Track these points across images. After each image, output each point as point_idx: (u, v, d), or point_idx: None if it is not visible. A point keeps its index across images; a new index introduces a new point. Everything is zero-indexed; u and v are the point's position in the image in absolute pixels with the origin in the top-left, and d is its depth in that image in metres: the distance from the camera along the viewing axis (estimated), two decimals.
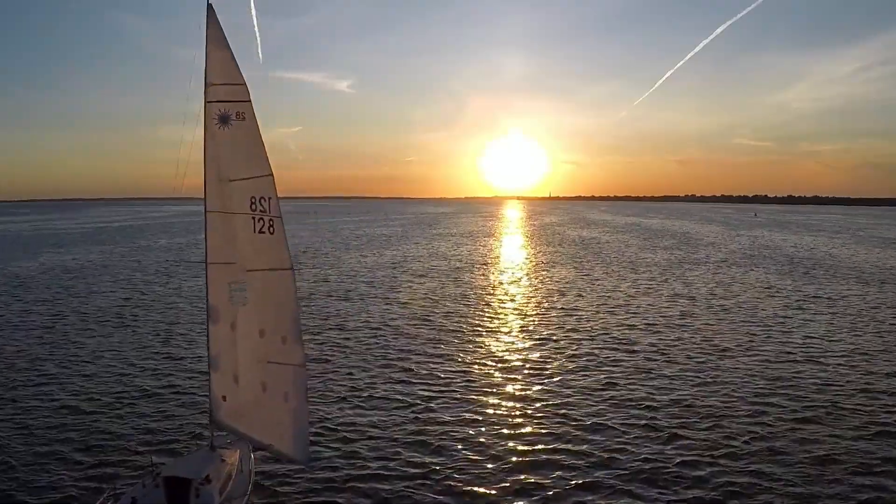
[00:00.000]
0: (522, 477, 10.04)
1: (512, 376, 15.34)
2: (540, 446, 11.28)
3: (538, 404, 13.59)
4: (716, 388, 14.41)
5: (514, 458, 10.82)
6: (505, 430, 12.00)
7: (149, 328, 20.37)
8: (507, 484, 9.83)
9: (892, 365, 16.44)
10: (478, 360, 16.77)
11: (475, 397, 13.73)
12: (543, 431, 11.92)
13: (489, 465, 10.48)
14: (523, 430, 11.98)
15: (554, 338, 19.18)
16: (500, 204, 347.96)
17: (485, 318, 21.99)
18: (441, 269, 36.36)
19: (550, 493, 9.60)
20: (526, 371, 15.90)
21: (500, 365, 16.35)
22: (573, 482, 9.91)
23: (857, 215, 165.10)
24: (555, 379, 15.18)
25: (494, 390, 14.33)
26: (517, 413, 12.84)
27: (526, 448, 11.19)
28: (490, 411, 13.02)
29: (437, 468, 10.34)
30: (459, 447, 11.26)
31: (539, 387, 14.61)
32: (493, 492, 9.63)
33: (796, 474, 10.23)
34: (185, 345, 18.24)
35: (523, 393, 14.17)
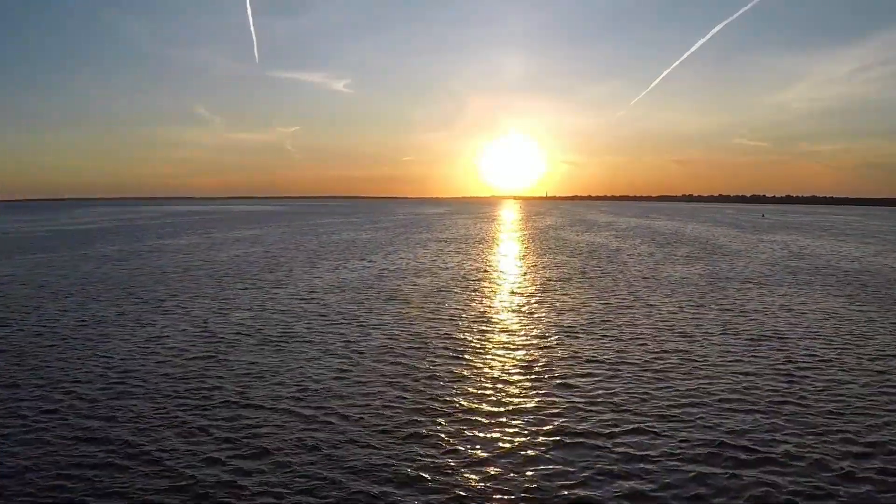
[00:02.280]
0: None
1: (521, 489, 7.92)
2: None
3: None
4: None
5: None
6: None
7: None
8: None
9: None
10: (467, 454, 9.39)
11: None
12: None
13: None
14: None
15: (583, 417, 11.76)
16: (497, 204, 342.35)
17: (475, 377, 14.59)
18: (421, 289, 28.90)
19: None
20: (545, 475, 8.61)
21: (500, 469, 9.01)
22: None
23: (866, 216, 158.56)
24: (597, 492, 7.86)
25: None
26: None
27: None
28: None
29: None
30: None
31: None
32: None
33: None
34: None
35: None
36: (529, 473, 9.98)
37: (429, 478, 9.78)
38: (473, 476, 9.88)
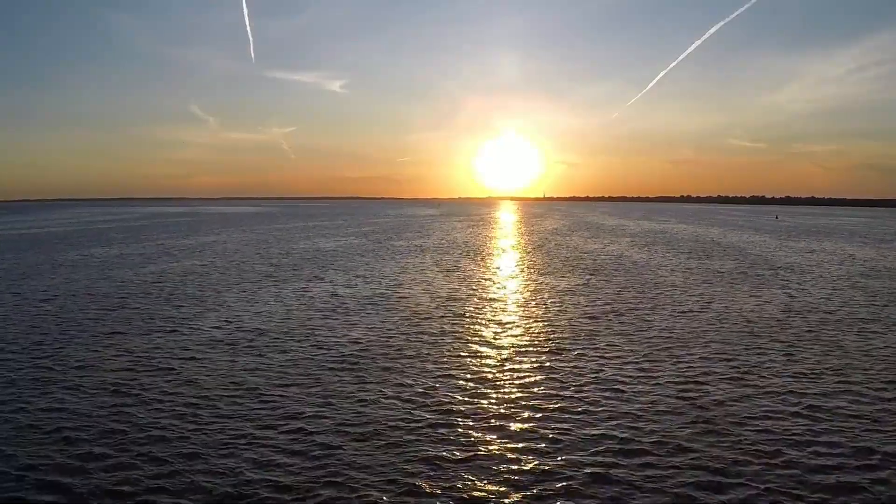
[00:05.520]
0: None
1: None
2: None
3: None
4: None
5: None
6: None
7: None
8: None
9: None
10: None
11: None
12: None
13: None
14: None
15: None
16: (494, 205, 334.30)
17: None
18: (376, 341, 19.11)
19: None
20: None
21: None
22: None
23: (874, 217, 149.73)
24: None
25: None
26: None
27: None
28: None
29: None
30: None
31: None
32: None
33: None
34: None
35: None
36: None
37: None
38: None
